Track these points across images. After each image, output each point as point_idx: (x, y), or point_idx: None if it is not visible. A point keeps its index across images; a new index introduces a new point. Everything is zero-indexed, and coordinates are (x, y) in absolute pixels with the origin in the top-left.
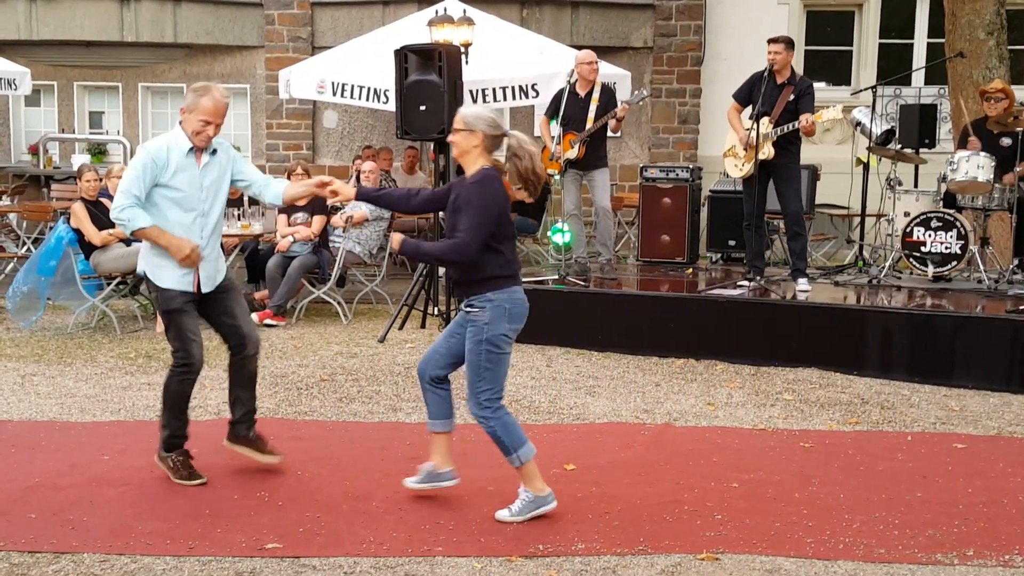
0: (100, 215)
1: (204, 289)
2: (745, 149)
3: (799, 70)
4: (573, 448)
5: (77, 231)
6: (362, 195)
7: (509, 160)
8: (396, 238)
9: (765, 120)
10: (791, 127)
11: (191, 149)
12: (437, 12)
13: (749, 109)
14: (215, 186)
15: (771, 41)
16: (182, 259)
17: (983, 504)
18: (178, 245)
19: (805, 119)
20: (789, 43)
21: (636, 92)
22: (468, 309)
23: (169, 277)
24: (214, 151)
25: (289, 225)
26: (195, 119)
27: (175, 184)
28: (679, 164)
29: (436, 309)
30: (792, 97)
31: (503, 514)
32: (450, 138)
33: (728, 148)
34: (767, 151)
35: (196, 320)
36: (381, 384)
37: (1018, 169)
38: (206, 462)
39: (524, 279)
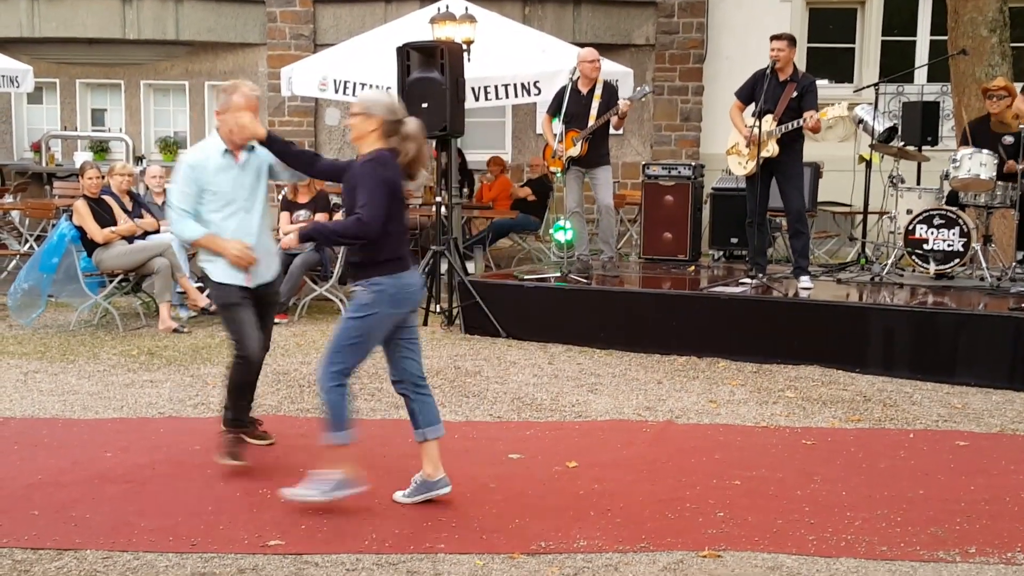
0: (102, 212)
1: (255, 282)
2: (748, 147)
3: (801, 67)
4: (575, 445)
5: (79, 228)
6: (271, 138)
7: (401, 142)
8: (288, 240)
9: (768, 118)
10: (795, 125)
11: (226, 150)
12: (439, 9)
13: (752, 107)
14: (256, 182)
15: (774, 38)
16: (235, 261)
17: (985, 502)
18: (231, 249)
19: (810, 116)
20: (791, 40)
21: (638, 88)
22: (353, 290)
23: (224, 272)
24: (251, 147)
25: (291, 222)
26: (231, 118)
27: (217, 186)
28: (681, 162)
29: (438, 307)
30: (795, 95)
31: (399, 496)
32: (347, 121)
33: (731, 146)
34: (771, 149)
35: (252, 313)
36: (383, 381)
37: (1020, 166)
38: (209, 459)
39: (527, 276)
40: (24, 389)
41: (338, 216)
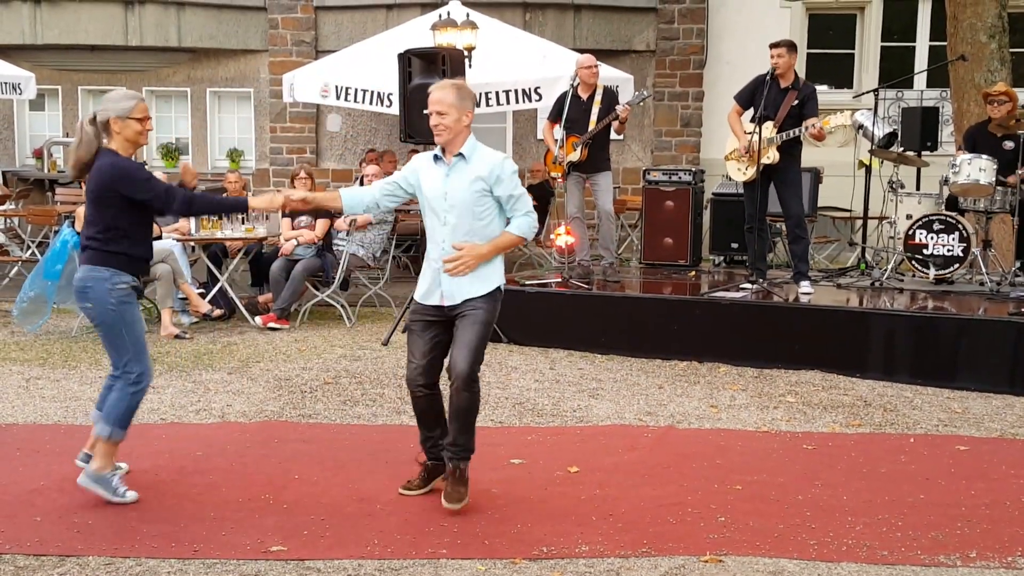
0: None
1: (447, 302)
2: (747, 153)
3: (801, 73)
4: (577, 451)
5: (81, 235)
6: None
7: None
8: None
9: (769, 124)
10: (795, 133)
11: (435, 154)
12: (441, 16)
13: (750, 112)
14: (460, 194)
15: (773, 45)
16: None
17: (986, 506)
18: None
19: (814, 125)
20: (791, 47)
21: (637, 93)
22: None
23: (417, 290)
24: (461, 155)
25: (293, 228)
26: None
27: (421, 188)
28: (682, 167)
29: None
30: (796, 102)
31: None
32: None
33: (730, 152)
34: (771, 156)
35: (424, 340)
36: (385, 387)
37: (1020, 172)
38: (211, 465)
39: (527, 282)
40: (26, 395)
41: (340, 222)
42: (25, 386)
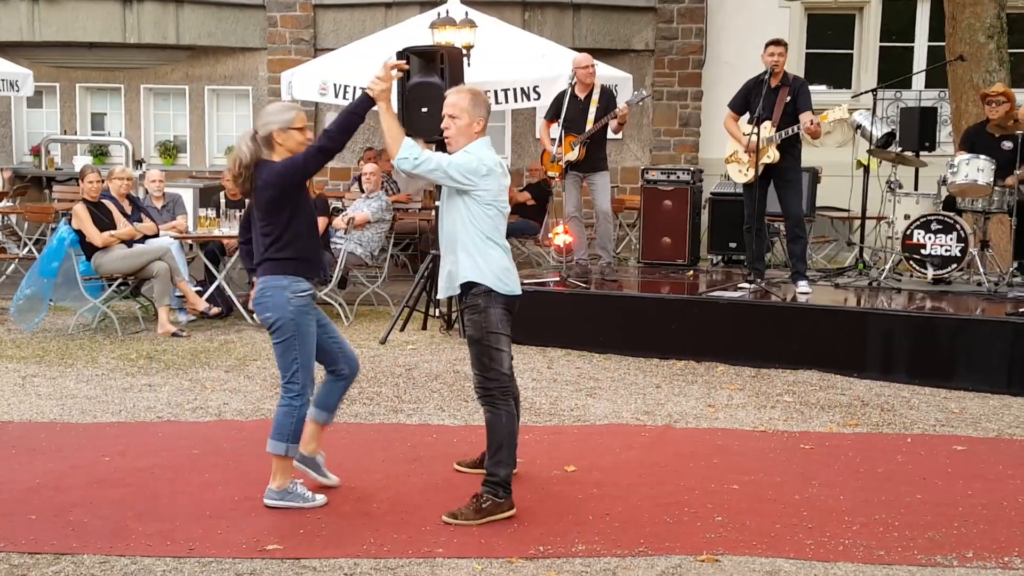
0: (102, 216)
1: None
2: (746, 153)
3: (800, 73)
4: (574, 450)
5: (79, 232)
6: None
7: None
8: None
9: (767, 124)
10: (795, 130)
11: None
12: (439, 14)
13: (746, 116)
14: (444, 192)
15: (772, 44)
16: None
17: (983, 506)
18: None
19: (809, 120)
20: (787, 45)
21: (636, 93)
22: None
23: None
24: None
25: None
26: None
27: None
28: (680, 166)
29: (437, 311)
30: (789, 98)
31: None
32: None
33: (730, 154)
34: (772, 155)
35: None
36: (382, 386)
37: (1019, 172)
38: (207, 463)
39: (525, 280)
40: (22, 393)
41: (338, 220)
42: (21, 384)
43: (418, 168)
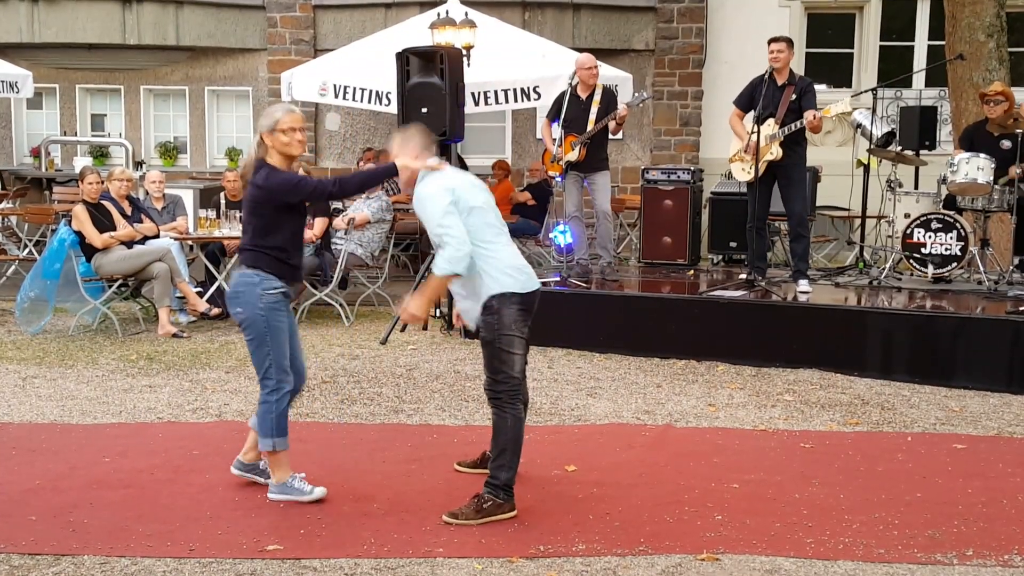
0: (102, 217)
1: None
2: (747, 151)
3: (800, 72)
4: (574, 449)
5: (79, 233)
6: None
7: None
8: None
9: (771, 121)
10: (798, 126)
11: None
12: (439, 15)
13: (751, 113)
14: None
15: (773, 41)
16: None
17: (983, 504)
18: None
19: (811, 115)
20: (790, 42)
21: (636, 94)
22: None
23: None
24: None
25: None
26: None
27: None
28: (680, 166)
29: (438, 311)
30: (794, 96)
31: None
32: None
33: (734, 153)
34: (775, 152)
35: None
36: (383, 386)
37: (1017, 170)
38: (207, 463)
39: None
40: (22, 394)
41: (338, 221)
42: (21, 385)
43: (456, 256)
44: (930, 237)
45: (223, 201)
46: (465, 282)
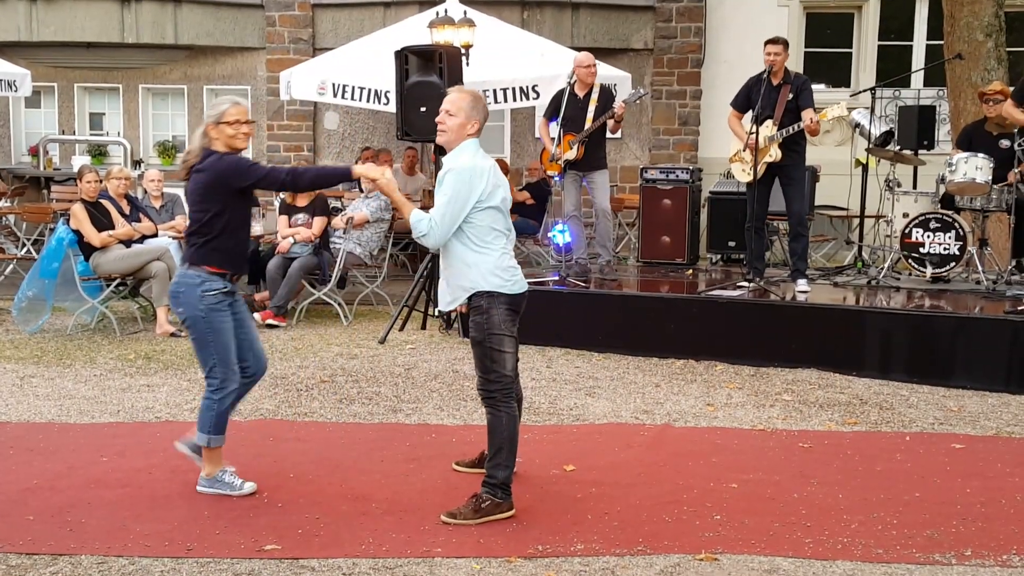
0: (100, 216)
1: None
2: (746, 150)
3: (799, 71)
4: (573, 449)
5: (77, 232)
6: None
7: None
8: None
9: (768, 123)
10: (796, 128)
11: None
12: (438, 14)
13: (749, 114)
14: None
15: (770, 42)
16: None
17: (981, 504)
18: None
19: (809, 118)
20: (786, 44)
21: (633, 91)
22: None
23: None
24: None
25: (290, 226)
26: None
27: None
28: (679, 165)
29: (436, 310)
30: (791, 96)
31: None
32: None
33: (734, 153)
34: (774, 153)
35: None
36: (381, 385)
37: (1017, 170)
38: None
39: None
40: (20, 394)
41: (337, 220)
42: (19, 384)
43: (437, 232)
44: (929, 237)
45: None
46: (450, 267)
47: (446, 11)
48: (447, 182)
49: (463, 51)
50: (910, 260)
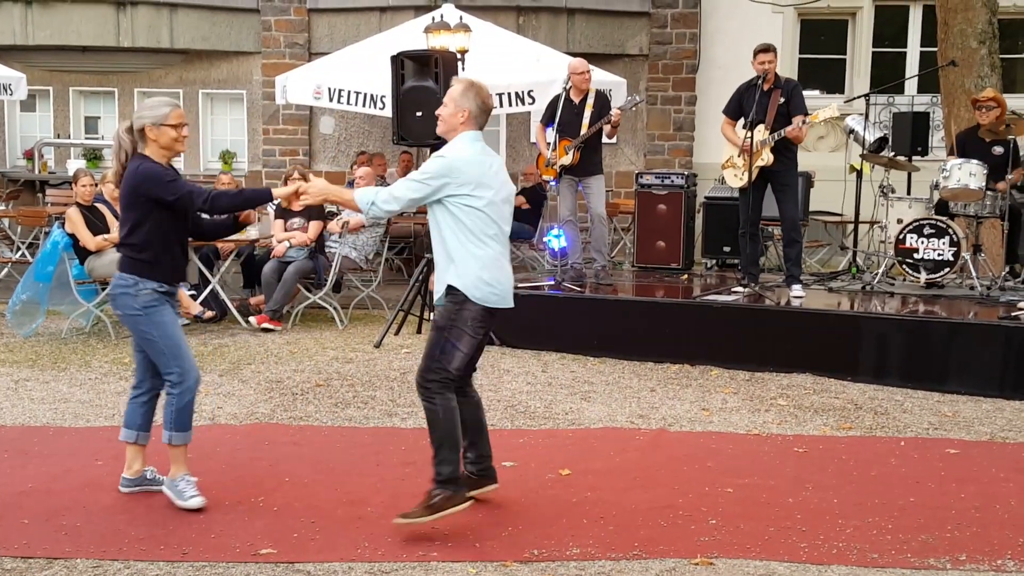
0: (95, 220)
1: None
2: (740, 156)
3: (793, 78)
4: (568, 453)
5: (72, 236)
6: None
7: None
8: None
9: (760, 127)
10: (785, 131)
11: None
12: (434, 19)
13: (742, 120)
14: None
15: (763, 51)
16: None
17: (976, 509)
18: None
19: (797, 123)
20: (776, 49)
21: (629, 98)
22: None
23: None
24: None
25: (285, 230)
26: None
27: None
28: (674, 171)
29: (432, 314)
30: (782, 100)
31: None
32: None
33: (726, 160)
34: (766, 157)
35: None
36: (376, 389)
37: (1010, 177)
38: (200, 467)
39: (520, 284)
40: (15, 397)
41: (332, 224)
42: (14, 388)
43: (381, 206)
44: (923, 242)
45: None
46: (439, 261)
47: (442, 16)
48: (425, 163)
49: (459, 56)
50: (904, 266)
